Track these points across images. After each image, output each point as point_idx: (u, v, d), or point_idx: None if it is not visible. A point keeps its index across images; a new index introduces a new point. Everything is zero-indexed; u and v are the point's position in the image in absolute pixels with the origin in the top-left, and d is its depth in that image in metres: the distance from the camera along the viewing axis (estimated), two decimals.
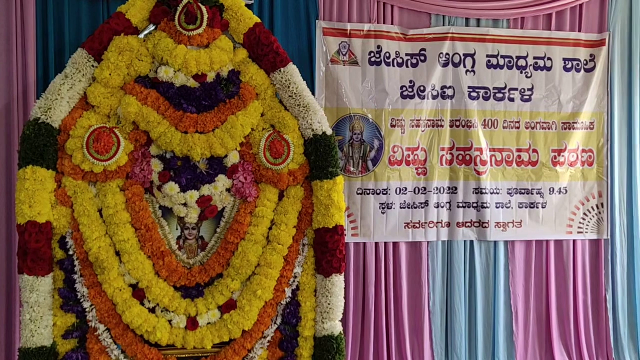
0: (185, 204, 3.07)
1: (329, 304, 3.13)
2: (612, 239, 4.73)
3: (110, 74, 2.98)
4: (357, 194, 4.40)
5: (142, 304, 3.00)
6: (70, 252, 2.96)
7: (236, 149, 3.10)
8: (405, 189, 4.46)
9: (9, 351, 3.90)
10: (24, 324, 2.86)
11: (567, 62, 4.63)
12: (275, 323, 3.13)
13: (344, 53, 4.34)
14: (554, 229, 4.66)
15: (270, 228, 3.14)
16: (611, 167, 4.72)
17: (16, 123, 3.86)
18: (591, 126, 4.69)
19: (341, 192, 3.24)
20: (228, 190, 3.12)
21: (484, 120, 4.54)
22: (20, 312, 2.97)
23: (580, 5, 4.64)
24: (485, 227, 4.54)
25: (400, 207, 4.45)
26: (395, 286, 4.48)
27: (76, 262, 2.96)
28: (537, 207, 4.63)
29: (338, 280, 3.15)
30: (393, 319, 4.47)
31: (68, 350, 2.94)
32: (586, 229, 4.70)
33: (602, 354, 4.76)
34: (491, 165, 4.56)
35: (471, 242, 4.59)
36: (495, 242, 4.60)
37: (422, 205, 4.48)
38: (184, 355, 3.04)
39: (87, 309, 2.96)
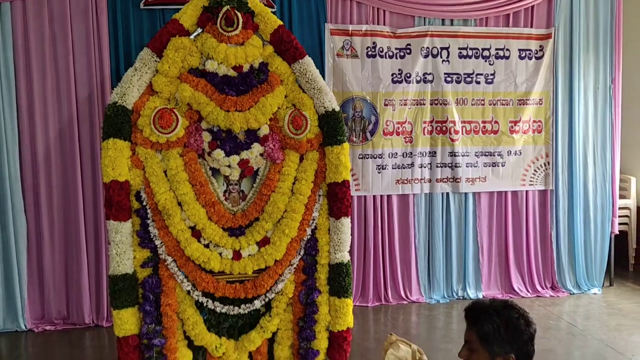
0: (229, 166, 3.03)
1: (339, 239, 3.10)
2: (556, 189, 4.79)
3: (169, 67, 2.89)
4: (359, 158, 4.47)
5: (199, 241, 2.98)
6: (144, 203, 2.94)
7: (267, 123, 3.04)
8: (396, 154, 4.52)
9: (98, 276, 4.10)
10: (111, 257, 2.86)
11: (521, 52, 4.64)
12: (299, 254, 3.10)
13: (347, 49, 4.37)
14: (511, 183, 4.72)
15: (293, 183, 3.10)
16: (555, 134, 4.75)
17: (96, 108, 3.94)
18: (540, 102, 4.73)
19: (347, 155, 3.06)
20: (261, 154, 3.06)
21: (457, 99, 4.58)
22: (108, 249, 3.00)
23: (532, 7, 4.65)
24: (458, 182, 4.61)
25: (392, 168, 4.51)
26: (389, 228, 4.56)
27: (149, 211, 2.95)
28: (498, 166, 4.68)
29: (346, 221, 3.10)
30: (388, 253, 4.56)
31: (145, 276, 2.94)
32: (536, 182, 4.76)
33: (547, 278, 4.86)
34: (462, 134, 4.60)
35: (447, 194, 4.65)
36: (465, 193, 4.66)
37: (409, 166, 4.54)
38: (231, 279, 3.02)
39: (158, 246, 2.96)
